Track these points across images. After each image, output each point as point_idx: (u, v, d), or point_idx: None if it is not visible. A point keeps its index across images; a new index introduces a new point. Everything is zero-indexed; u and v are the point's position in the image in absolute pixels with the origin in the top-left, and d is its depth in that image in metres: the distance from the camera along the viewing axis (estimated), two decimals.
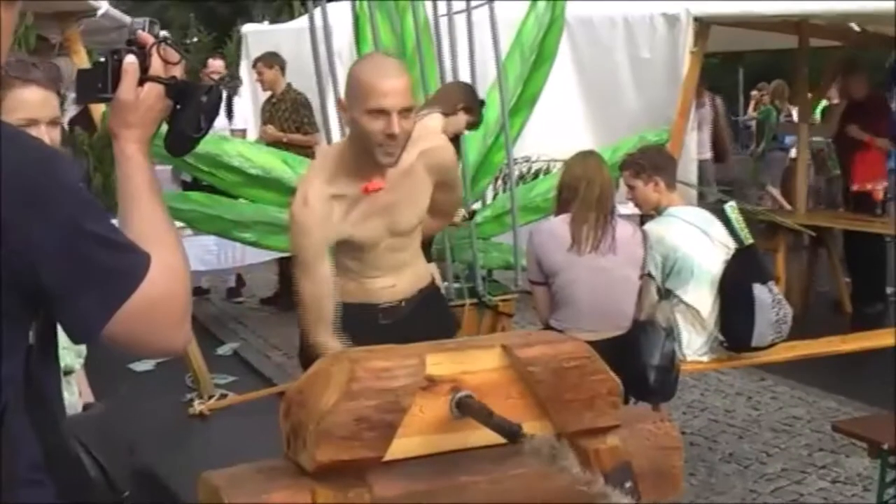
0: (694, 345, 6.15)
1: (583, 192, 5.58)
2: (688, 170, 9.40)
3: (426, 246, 4.96)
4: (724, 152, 13.55)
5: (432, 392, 2.39)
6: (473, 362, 2.45)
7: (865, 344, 7.19)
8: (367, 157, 4.01)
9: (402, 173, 4.12)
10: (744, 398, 8.20)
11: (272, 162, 7.63)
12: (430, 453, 2.42)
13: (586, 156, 5.84)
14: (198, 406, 7.91)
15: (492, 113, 7.61)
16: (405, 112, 3.91)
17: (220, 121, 11.84)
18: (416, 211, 4.27)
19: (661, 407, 5.72)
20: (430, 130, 4.49)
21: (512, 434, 2.24)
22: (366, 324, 4.18)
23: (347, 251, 4.18)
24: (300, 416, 2.37)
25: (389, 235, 4.20)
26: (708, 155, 12.79)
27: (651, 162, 6.32)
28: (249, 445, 6.67)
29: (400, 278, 4.33)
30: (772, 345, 6.29)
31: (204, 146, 7.27)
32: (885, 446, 4.92)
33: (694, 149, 10.45)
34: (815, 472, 6.59)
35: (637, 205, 6.44)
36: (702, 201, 8.57)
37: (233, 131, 11.25)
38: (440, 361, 2.41)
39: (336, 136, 7.27)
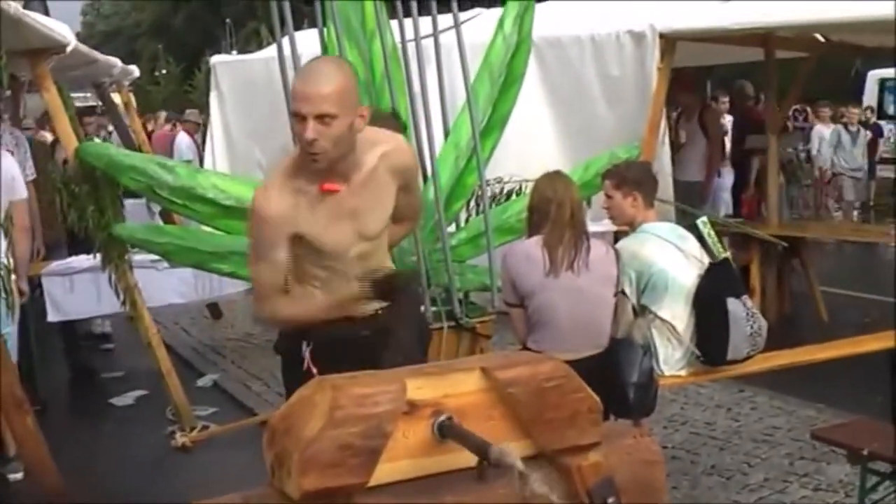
0: (671, 360, 6.17)
1: (553, 213, 5.60)
2: (662, 185, 9.37)
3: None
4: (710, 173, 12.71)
5: (414, 416, 2.42)
6: (454, 386, 2.48)
7: (842, 352, 7.22)
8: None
9: (365, 176, 4.16)
10: (723, 410, 8.25)
11: (247, 192, 7.61)
12: (415, 476, 2.44)
13: (553, 177, 5.83)
14: (180, 438, 7.91)
15: (463, 135, 7.65)
16: (324, 118, 3.90)
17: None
18: (382, 213, 4.31)
19: (641, 422, 5.75)
20: (388, 133, 4.50)
21: (486, 457, 2.27)
22: (348, 340, 4.22)
23: (317, 260, 4.19)
24: (284, 445, 2.40)
25: (359, 240, 4.23)
26: (696, 177, 12.22)
27: (634, 176, 6.34)
28: (233, 476, 6.69)
29: None
30: (747, 357, 6.32)
31: (177, 179, 7.36)
32: (865, 452, 4.95)
33: (668, 164, 10.42)
34: (798, 481, 6.63)
35: (611, 217, 6.45)
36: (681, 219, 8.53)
37: None
38: (421, 386, 2.44)
39: None
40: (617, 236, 7.73)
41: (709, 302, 6.11)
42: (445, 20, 7.38)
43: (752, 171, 12.94)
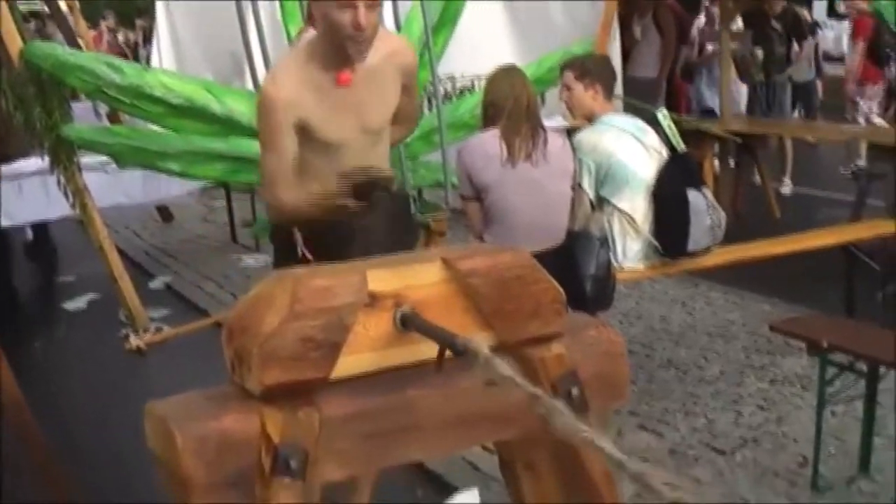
0: (629, 252, 6.15)
1: (510, 106, 5.54)
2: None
3: None
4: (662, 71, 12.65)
5: (375, 308, 2.37)
6: (415, 277, 2.43)
7: (798, 246, 7.23)
8: (336, 53, 4.09)
9: (371, 72, 4.20)
10: (678, 305, 8.27)
11: (196, 91, 7.54)
12: (379, 369, 2.40)
13: (508, 71, 5.77)
14: (134, 341, 7.86)
15: (415, 31, 7.56)
16: (371, 4, 3.96)
17: None
18: (385, 109, 4.38)
19: (598, 316, 5.73)
20: (392, 34, 4.54)
21: (452, 346, 2.23)
22: (340, 231, 4.24)
23: (320, 151, 4.24)
24: (243, 341, 2.35)
25: (361, 133, 4.29)
26: (650, 73, 12.17)
27: (595, 68, 6.30)
28: (188, 377, 6.64)
29: None
30: (707, 250, 6.32)
31: (125, 79, 7.26)
32: (825, 344, 4.95)
33: (618, 62, 10.36)
34: (753, 374, 6.66)
35: (569, 108, 6.37)
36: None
37: None
38: (382, 277, 2.39)
39: (260, 69, 7.12)
40: (570, 134, 7.68)
41: (669, 193, 6.09)
42: None
43: (677, 65, 12.93)
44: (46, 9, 14.86)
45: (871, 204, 9.88)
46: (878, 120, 13.98)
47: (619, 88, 9.73)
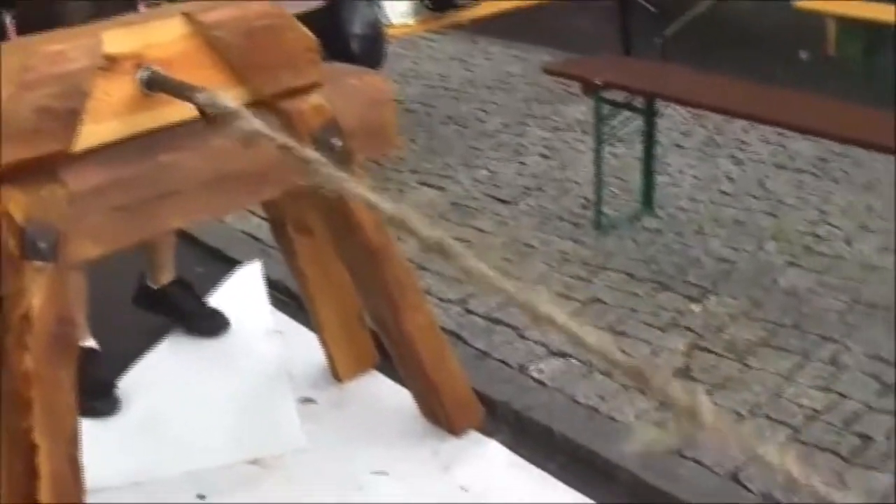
0: (398, 8, 6.03)
1: None
2: None
3: None
4: None
5: (115, 72, 2.23)
6: (155, 35, 2.29)
7: None
8: None
9: None
10: (457, 62, 8.17)
11: None
12: (127, 137, 2.27)
13: None
14: None
15: None
16: None
17: None
18: None
19: None
20: None
21: (199, 103, 2.09)
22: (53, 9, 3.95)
23: None
24: None
25: None
26: None
27: None
28: None
29: None
30: (475, 1, 6.24)
31: None
32: (599, 81, 4.91)
33: None
34: (535, 123, 6.63)
35: None
36: None
37: None
38: (119, 38, 2.24)
39: None
40: None
41: None
42: None
43: None
44: None
45: None
46: None
47: None
